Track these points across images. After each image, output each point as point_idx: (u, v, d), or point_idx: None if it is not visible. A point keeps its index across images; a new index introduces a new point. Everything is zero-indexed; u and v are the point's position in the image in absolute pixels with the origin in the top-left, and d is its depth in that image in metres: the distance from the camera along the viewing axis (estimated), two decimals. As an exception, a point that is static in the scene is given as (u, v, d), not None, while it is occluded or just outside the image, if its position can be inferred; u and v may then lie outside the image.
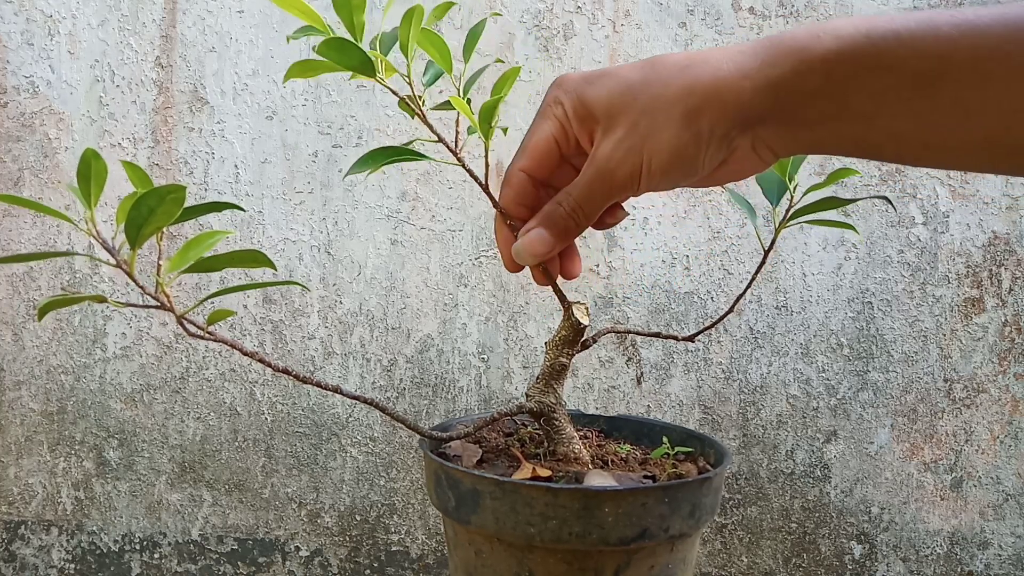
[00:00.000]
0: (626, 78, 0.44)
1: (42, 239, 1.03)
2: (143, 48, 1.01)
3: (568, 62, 0.98)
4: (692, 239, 0.99)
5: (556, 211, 0.47)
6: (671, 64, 0.43)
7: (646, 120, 0.43)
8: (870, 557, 1.01)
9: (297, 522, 1.04)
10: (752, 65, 0.41)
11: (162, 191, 0.39)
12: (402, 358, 1.02)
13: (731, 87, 0.41)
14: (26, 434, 1.05)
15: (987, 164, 0.41)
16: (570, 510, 0.46)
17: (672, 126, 0.42)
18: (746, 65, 0.41)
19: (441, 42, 0.51)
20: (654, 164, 0.43)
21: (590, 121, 0.45)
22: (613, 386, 1.01)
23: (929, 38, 0.38)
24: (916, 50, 0.38)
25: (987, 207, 0.97)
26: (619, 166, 0.44)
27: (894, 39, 0.38)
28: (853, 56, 0.39)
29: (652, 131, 0.43)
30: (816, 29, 0.40)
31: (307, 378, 0.49)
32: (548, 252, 0.49)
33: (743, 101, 0.41)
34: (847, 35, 0.39)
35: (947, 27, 0.38)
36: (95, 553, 1.06)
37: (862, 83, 0.39)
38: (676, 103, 0.42)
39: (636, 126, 0.43)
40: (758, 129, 0.43)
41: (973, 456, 0.99)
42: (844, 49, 0.39)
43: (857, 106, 0.40)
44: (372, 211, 1.00)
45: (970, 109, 0.38)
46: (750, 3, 0.97)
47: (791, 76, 0.40)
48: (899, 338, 0.98)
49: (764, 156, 0.45)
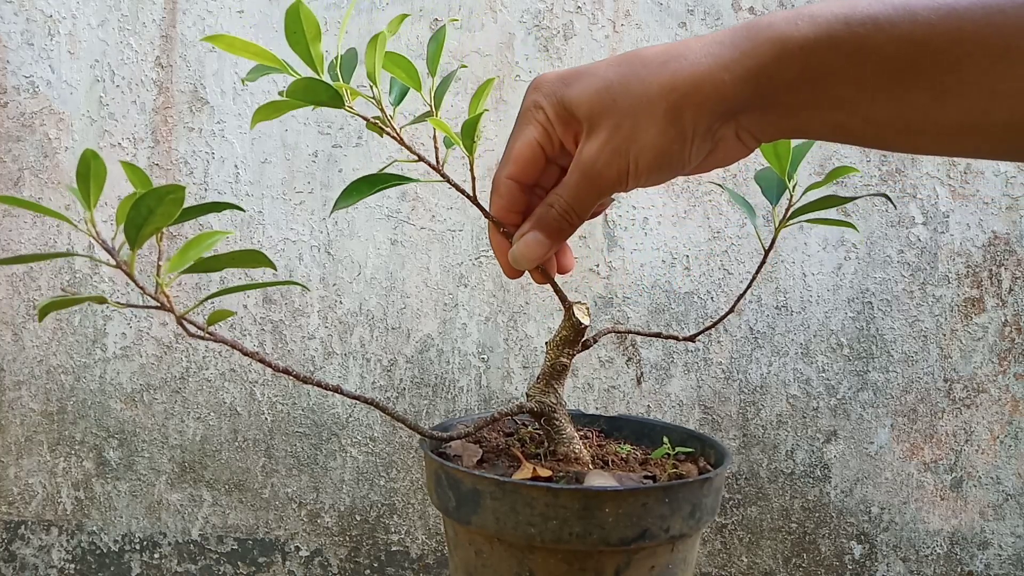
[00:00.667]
0: (605, 77, 0.44)
1: (42, 239, 1.03)
2: (143, 48, 1.01)
3: (568, 62, 0.98)
4: (692, 239, 0.99)
5: (548, 213, 0.47)
6: (650, 60, 0.43)
7: (629, 121, 0.43)
8: (870, 557, 1.01)
9: (297, 522, 1.04)
10: (731, 56, 0.41)
11: (161, 191, 0.39)
12: (402, 358, 1.02)
13: (711, 80, 0.41)
14: (26, 434, 1.05)
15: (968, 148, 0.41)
16: (570, 510, 0.46)
17: (655, 125, 0.42)
18: (724, 56, 0.41)
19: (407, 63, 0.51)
20: (640, 163, 0.43)
21: (573, 123, 0.45)
22: (613, 386, 1.01)
23: (907, 23, 0.38)
24: (893, 36, 0.38)
25: (987, 207, 0.97)
26: (605, 168, 0.44)
27: (872, 25, 0.38)
28: (831, 43, 0.39)
29: (636, 131, 0.43)
30: (793, 15, 0.40)
31: (307, 378, 0.49)
32: (545, 254, 0.49)
33: (724, 93, 0.41)
34: (824, 21, 0.39)
35: (925, 11, 0.38)
36: (95, 553, 1.06)
37: (840, 70, 0.39)
38: (658, 101, 0.42)
39: (619, 127, 0.43)
40: (740, 118, 0.43)
41: (973, 456, 0.99)
42: (821, 36, 0.39)
43: (836, 92, 0.40)
44: (372, 211, 1.00)
45: (948, 93, 0.38)
46: (750, 3, 0.97)
47: (770, 65, 0.40)
48: (899, 338, 0.98)
49: (747, 143, 0.45)
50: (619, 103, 0.43)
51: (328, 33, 0.98)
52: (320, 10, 0.99)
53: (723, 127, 0.43)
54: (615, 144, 0.43)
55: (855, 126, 0.42)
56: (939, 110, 0.39)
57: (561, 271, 0.53)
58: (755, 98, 0.41)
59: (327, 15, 0.99)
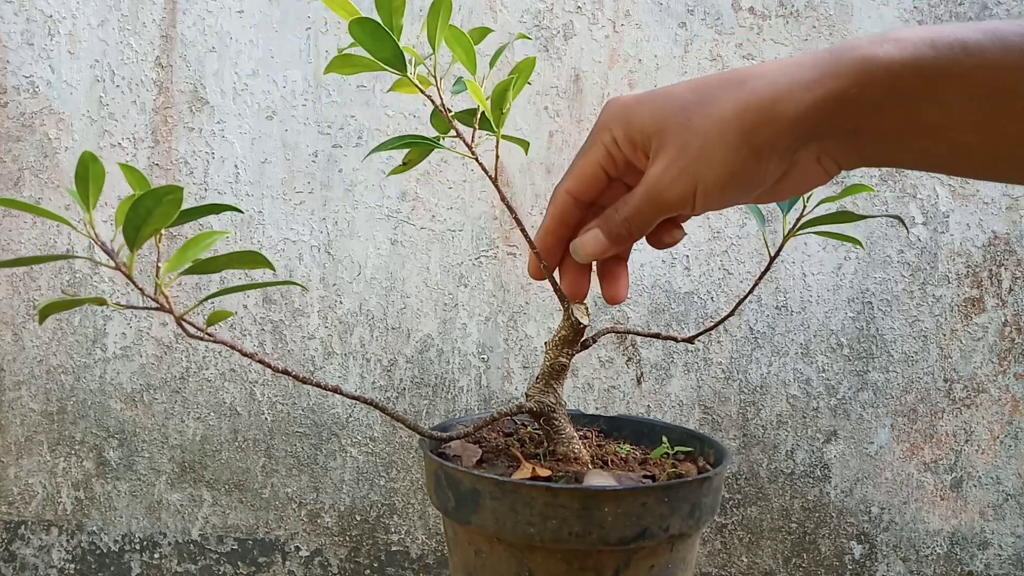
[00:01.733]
0: (676, 96, 0.43)
1: (42, 240, 1.03)
2: (143, 48, 1.01)
3: (568, 62, 0.98)
4: (692, 239, 0.99)
5: (612, 217, 0.48)
6: (724, 81, 0.42)
7: (698, 140, 0.42)
8: (870, 557, 1.01)
9: (297, 522, 1.04)
10: (811, 76, 0.40)
11: (159, 192, 0.39)
12: (402, 358, 1.02)
13: (791, 99, 0.40)
14: (26, 434, 1.05)
15: None
16: (570, 510, 0.46)
17: (726, 145, 0.42)
18: (805, 77, 0.40)
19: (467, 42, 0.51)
20: (709, 183, 0.43)
21: (641, 142, 0.45)
22: (613, 386, 1.01)
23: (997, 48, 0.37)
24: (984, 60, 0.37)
25: (987, 207, 0.97)
26: (669, 188, 0.44)
27: (960, 49, 0.37)
28: (918, 66, 0.38)
29: (705, 151, 0.42)
30: (879, 39, 0.39)
31: (307, 378, 0.49)
32: (601, 253, 0.49)
33: (804, 113, 0.40)
34: (911, 44, 0.38)
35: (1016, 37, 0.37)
36: (95, 553, 1.06)
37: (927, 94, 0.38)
38: (731, 120, 0.41)
39: (688, 146, 0.43)
40: (823, 141, 0.42)
41: (973, 456, 0.99)
42: (907, 59, 0.38)
43: (922, 118, 0.39)
44: (372, 211, 1.00)
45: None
46: (750, 3, 0.97)
47: (854, 88, 0.39)
48: (899, 338, 0.98)
49: (828, 168, 0.44)
50: (690, 122, 0.42)
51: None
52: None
53: (802, 149, 0.42)
54: (682, 164, 0.43)
55: (942, 153, 0.40)
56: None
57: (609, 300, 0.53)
58: (838, 121, 0.40)
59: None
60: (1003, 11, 0.95)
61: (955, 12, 0.95)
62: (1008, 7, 0.95)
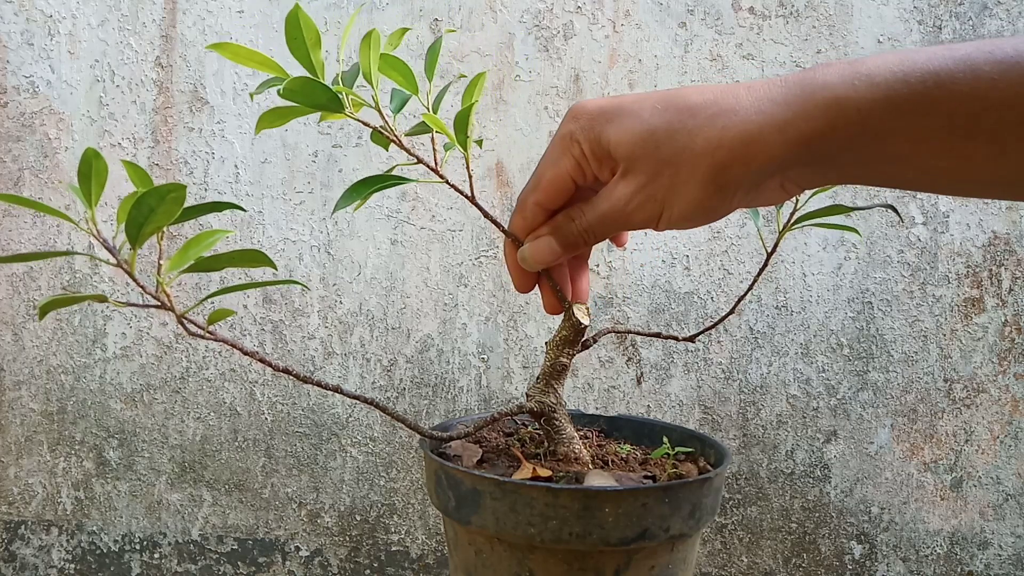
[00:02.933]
0: (648, 122, 0.43)
1: (42, 239, 1.03)
2: (143, 48, 1.01)
3: (568, 62, 0.98)
4: (692, 239, 0.99)
5: (567, 226, 0.48)
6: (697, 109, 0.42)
7: (670, 171, 0.42)
8: (870, 557, 1.01)
9: (297, 522, 1.04)
10: (784, 117, 0.40)
11: (162, 190, 0.39)
12: (402, 358, 1.02)
13: (762, 141, 0.40)
14: (26, 434, 1.05)
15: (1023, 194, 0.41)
16: (570, 510, 0.46)
17: (696, 180, 0.42)
18: (777, 116, 0.40)
19: (403, 66, 0.51)
20: (675, 212, 0.44)
21: (609, 161, 0.45)
22: (613, 386, 1.01)
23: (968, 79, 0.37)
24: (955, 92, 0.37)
25: (987, 207, 0.97)
26: (636, 211, 0.44)
27: (933, 82, 0.38)
28: (889, 104, 0.38)
29: (675, 183, 0.42)
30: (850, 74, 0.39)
31: (307, 378, 0.49)
32: (552, 260, 0.50)
33: (774, 155, 0.41)
34: (883, 81, 0.38)
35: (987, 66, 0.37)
36: (95, 553, 1.06)
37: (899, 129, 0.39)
38: (703, 156, 0.41)
39: (659, 175, 0.43)
40: (788, 172, 0.43)
41: (973, 456, 0.99)
42: (878, 98, 0.38)
43: (893, 150, 0.40)
44: (372, 211, 1.00)
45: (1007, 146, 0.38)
46: (750, 3, 0.97)
47: (826, 129, 0.39)
48: (899, 338, 0.98)
49: (790, 191, 0.45)
50: (662, 151, 0.42)
51: (328, 34, 0.98)
52: (320, 10, 0.99)
53: (768, 180, 0.43)
54: (651, 191, 0.43)
55: (909, 176, 0.41)
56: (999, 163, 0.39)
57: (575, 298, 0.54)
58: (806, 157, 0.41)
59: (327, 15, 0.99)
60: (1003, 11, 0.95)
61: (955, 12, 0.95)
62: (1008, 7, 0.95)
